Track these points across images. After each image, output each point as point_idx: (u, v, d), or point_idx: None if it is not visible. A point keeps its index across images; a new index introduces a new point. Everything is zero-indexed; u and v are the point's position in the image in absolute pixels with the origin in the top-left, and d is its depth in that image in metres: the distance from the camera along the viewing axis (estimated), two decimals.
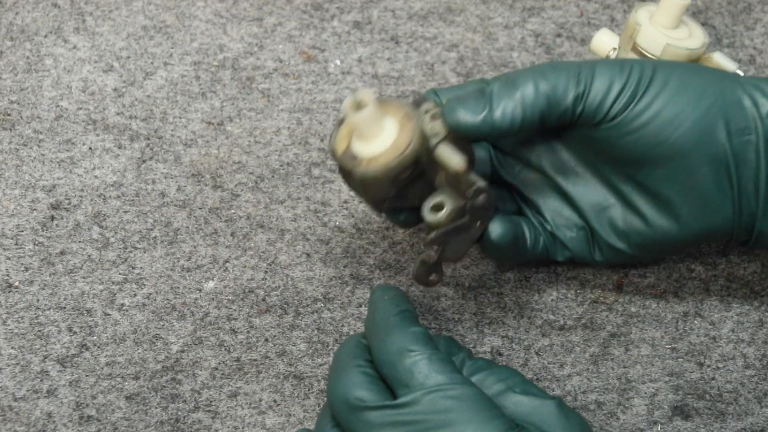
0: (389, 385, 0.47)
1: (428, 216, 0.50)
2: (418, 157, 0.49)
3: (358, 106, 0.48)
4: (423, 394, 0.46)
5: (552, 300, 0.59)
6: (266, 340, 0.57)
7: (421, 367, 0.46)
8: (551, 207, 0.56)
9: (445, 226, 0.50)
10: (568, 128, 0.53)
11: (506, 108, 0.50)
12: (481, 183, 0.50)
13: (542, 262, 0.60)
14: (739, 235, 0.54)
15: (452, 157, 0.49)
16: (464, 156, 0.49)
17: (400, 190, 0.51)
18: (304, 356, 0.56)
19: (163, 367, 0.56)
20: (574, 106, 0.51)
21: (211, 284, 0.58)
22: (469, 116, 0.50)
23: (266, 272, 0.59)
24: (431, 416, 0.45)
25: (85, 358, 0.56)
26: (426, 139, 0.50)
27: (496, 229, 0.54)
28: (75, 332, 0.56)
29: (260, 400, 0.55)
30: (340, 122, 0.51)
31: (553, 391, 0.56)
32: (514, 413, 0.47)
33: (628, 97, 0.51)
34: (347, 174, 0.51)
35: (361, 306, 0.58)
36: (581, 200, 0.56)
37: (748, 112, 0.51)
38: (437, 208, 0.50)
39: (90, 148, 0.63)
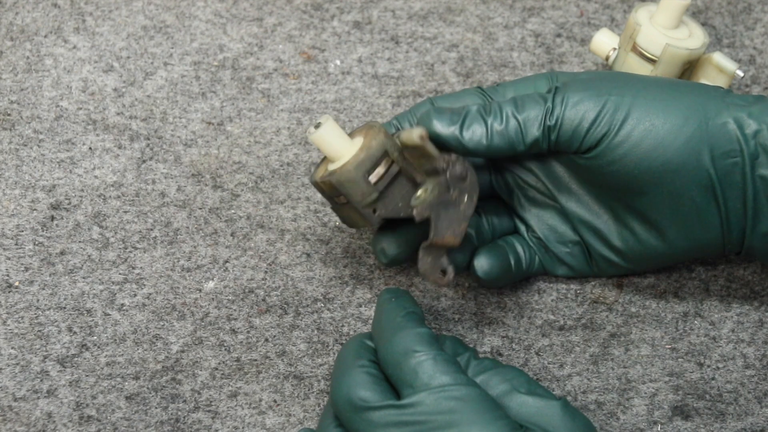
0: (394, 385, 0.48)
1: (413, 201, 0.52)
2: (386, 150, 0.51)
3: (317, 126, 0.51)
4: (427, 395, 0.46)
5: (552, 300, 0.59)
6: (266, 340, 0.57)
7: (425, 367, 0.47)
8: (546, 223, 0.57)
9: (429, 201, 0.52)
10: (554, 152, 0.54)
11: (475, 132, 0.52)
12: (452, 154, 0.52)
13: None
14: (730, 248, 0.54)
15: (413, 132, 0.50)
16: (423, 129, 0.51)
17: (382, 192, 0.51)
18: (304, 356, 0.56)
19: (163, 367, 0.56)
20: (546, 136, 0.53)
21: (211, 284, 0.58)
22: (440, 126, 0.52)
23: (266, 272, 0.59)
24: (435, 417, 0.45)
25: (85, 358, 0.56)
26: (393, 138, 0.52)
27: (482, 265, 0.56)
28: (75, 332, 0.56)
29: (260, 400, 0.55)
30: (321, 161, 0.54)
31: (554, 391, 0.56)
32: (518, 414, 0.47)
33: (603, 126, 0.52)
34: (329, 193, 0.52)
35: (361, 306, 0.58)
36: (575, 216, 0.56)
37: (733, 135, 0.51)
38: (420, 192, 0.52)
39: (90, 148, 0.63)
